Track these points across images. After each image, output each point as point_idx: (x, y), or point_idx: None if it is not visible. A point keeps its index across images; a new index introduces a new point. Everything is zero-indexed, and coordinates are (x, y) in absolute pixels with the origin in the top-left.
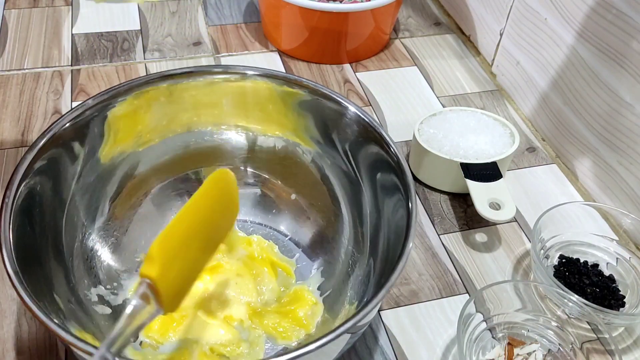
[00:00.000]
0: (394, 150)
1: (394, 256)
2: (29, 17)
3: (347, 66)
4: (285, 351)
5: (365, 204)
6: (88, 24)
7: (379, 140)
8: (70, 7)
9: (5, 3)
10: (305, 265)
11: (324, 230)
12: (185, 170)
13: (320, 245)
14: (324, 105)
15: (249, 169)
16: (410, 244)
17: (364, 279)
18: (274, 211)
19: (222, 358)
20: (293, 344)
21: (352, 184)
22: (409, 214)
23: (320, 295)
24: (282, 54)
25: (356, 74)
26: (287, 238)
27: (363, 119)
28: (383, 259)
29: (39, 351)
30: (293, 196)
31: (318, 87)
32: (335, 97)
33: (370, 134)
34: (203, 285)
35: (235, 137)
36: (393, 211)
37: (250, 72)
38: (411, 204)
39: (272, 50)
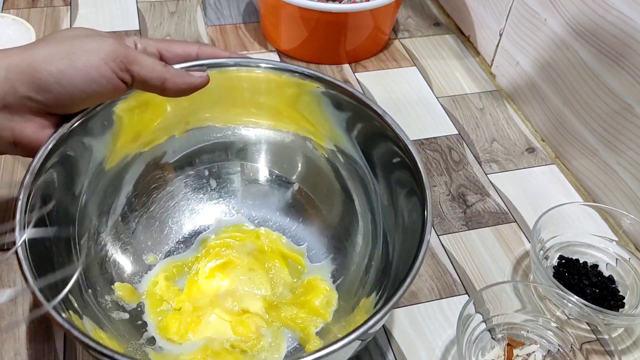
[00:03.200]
0: (410, 150)
1: (411, 246)
2: (27, 18)
3: (346, 66)
4: (298, 356)
5: (380, 198)
6: (87, 24)
7: (395, 139)
8: (69, 7)
9: (3, 3)
10: (315, 253)
11: (334, 218)
12: (198, 167)
13: (330, 233)
14: (341, 101)
15: (262, 165)
16: (424, 247)
17: (380, 267)
18: (284, 203)
19: (243, 353)
20: (313, 334)
21: (365, 180)
22: (424, 213)
23: (334, 283)
24: (282, 54)
25: (355, 74)
26: (294, 227)
27: (381, 118)
28: (400, 246)
29: (37, 352)
30: (305, 190)
31: (335, 82)
32: (353, 92)
33: (387, 133)
34: (216, 283)
35: (249, 133)
36: (408, 209)
37: (264, 66)
38: (426, 203)
39: (271, 51)
